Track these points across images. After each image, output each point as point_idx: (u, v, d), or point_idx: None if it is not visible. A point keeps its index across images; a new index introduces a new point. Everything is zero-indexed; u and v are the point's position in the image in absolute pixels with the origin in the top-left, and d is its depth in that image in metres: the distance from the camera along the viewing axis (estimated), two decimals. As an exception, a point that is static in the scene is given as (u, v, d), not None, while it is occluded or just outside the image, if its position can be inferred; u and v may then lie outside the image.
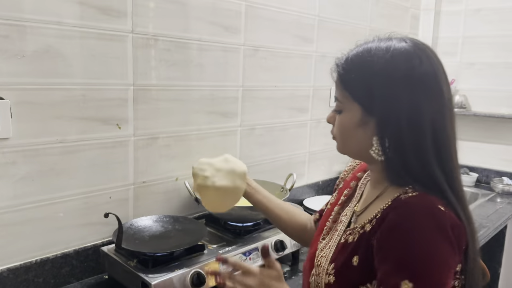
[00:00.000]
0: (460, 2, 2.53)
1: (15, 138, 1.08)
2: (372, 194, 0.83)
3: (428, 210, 0.68)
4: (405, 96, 0.72)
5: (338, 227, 0.87)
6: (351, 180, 0.96)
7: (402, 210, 0.69)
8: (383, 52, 0.75)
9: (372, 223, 0.75)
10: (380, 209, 0.75)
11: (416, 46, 0.75)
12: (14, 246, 1.11)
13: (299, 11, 1.80)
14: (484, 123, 2.49)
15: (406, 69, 0.73)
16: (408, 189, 0.73)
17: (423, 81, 0.73)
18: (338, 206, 0.93)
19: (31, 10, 1.06)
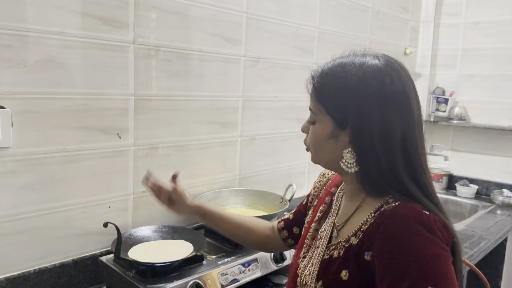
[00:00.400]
0: (459, 15, 2.55)
1: (16, 147, 1.08)
2: (350, 207, 0.84)
3: (417, 216, 0.70)
4: (376, 112, 0.75)
5: (319, 244, 0.87)
6: (325, 196, 0.97)
7: (394, 222, 0.71)
8: (356, 69, 0.77)
9: (358, 236, 0.76)
10: (363, 221, 0.77)
11: (389, 65, 0.78)
12: (13, 255, 1.11)
13: (299, 23, 1.81)
14: (483, 135, 2.49)
15: (377, 87, 0.75)
16: (389, 199, 0.76)
17: (393, 99, 0.76)
18: (315, 223, 0.93)
19: (34, 20, 1.07)
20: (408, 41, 2.55)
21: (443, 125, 2.59)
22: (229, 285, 1.20)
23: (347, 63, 0.79)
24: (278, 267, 1.33)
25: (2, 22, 1.02)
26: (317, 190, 1.04)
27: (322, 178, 1.06)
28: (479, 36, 2.49)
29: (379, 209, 0.76)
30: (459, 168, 2.59)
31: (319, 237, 0.89)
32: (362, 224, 0.77)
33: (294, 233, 1.07)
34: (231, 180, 1.65)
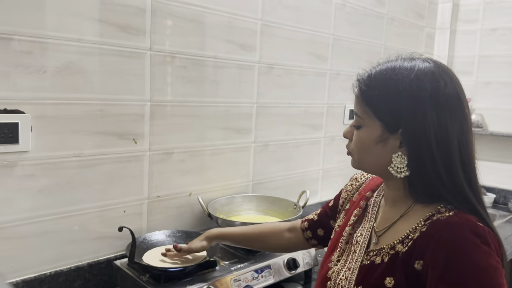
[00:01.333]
0: (476, 21, 2.52)
1: (34, 151, 1.10)
2: (393, 213, 0.83)
3: (472, 227, 0.69)
4: (431, 115, 0.74)
5: (356, 249, 0.85)
6: (359, 200, 0.95)
7: (450, 231, 0.70)
8: (408, 71, 0.76)
9: (407, 244, 0.74)
10: (412, 229, 0.76)
11: (440, 68, 0.77)
12: (29, 258, 1.13)
13: (313, 30, 1.82)
14: (501, 143, 2.45)
15: (431, 89, 0.74)
16: (441, 208, 0.75)
17: (448, 103, 0.74)
18: (349, 227, 0.92)
19: (53, 28, 1.10)
20: (424, 48, 2.53)
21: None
22: (242, 291, 1.20)
23: (396, 66, 0.78)
24: (291, 274, 1.32)
25: (23, 29, 1.05)
26: (349, 194, 1.02)
27: (354, 182, 1.04)
28: (496, 43, 2.45)
29: (430, 217, 0.74)
30: (476, 176, 2.54)
31: (354, 241, 0.87)
32: (411, 231, 0.76)
33: (318, 234, 1.07)
34: (244, 186, 1.65)
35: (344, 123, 2.05)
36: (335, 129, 2.01)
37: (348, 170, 0.90)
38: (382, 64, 0.81)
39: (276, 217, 1.52)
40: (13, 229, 1.09)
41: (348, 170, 0.91)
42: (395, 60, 0.80)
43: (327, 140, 1.99)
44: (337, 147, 2.04)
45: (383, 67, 0.79)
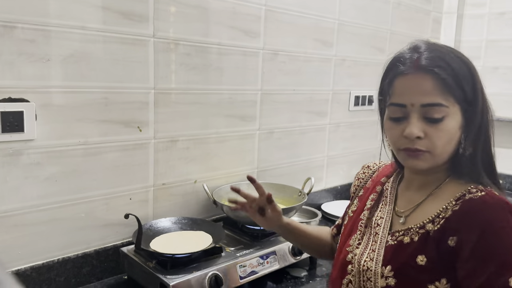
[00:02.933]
0: (484, 5, 2.48)
1: (40, 139, 1.11)
2: (419, 196, 0.84)
3: (506, 207, 0.71)
4: (483, 91, 0.79)
5: (377, 231, 0.86)
6: (375, 186, 0.96)
7: (485, 209, 0.71)
8: (456, 51, 0.79)
9: (438, 223, 0.76)
10: (442, 209, 0.77)
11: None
12: (37, 245, 1.14)
13: (319, 15, 1.79)
14: (508, 129, 2.43)
15: (473, 65, 0.78)
16: (471, 189, 0.76)
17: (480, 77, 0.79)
18: (366, 211, 0.92)
19: (56, 16, 1.09)
20: (430, 33, 2.50)
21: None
22: (247, 277, 1.21)
23: (444, 47, 0.79)
24: (296, 260, 1.33)
25: (26, 17, 1.05)
26: (362, 181, 1.02)
27: (366, 170, 1.04)
28: (504, 27, 2.41)
29: (462, 197, 0.76)
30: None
31: (375, 224, 0.88)
32: (442, 211, 0.77)
33: None
34: (249, 173, 1.65)
35: (350, 109, 2.04)
36: (340, 115, 2.00)
37: (353, 157, 0.89)
38: (431, 49, 0.78)
39: (281, 204, 1.52)
40: (21, 216, 1.10)
41: (353, 157, 0.90)
42: (429, 43, 0.80)
43: (332, 127, 1.98)
44: (342, 134, 2.03)
45: (438, 52, 0.77)
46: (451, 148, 0.78)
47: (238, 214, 1.36)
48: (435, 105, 0.75)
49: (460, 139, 0.78)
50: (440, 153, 0.78)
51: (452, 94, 0.75)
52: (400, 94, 0.78)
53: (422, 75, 0.75)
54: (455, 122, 0.76)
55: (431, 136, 0.76)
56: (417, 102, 0.76)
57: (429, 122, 0.76)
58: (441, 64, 0.75)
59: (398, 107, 0.78)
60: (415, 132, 0.76)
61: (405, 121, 0.78)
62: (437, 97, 0.75)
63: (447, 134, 0.76)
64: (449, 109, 0.75)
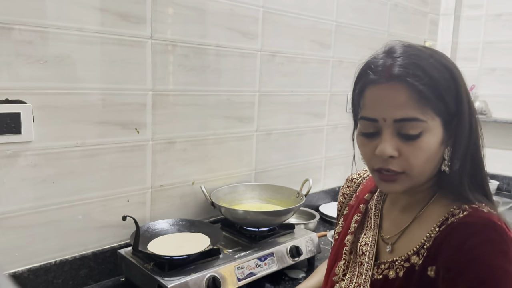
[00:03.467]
0: (481, 7, 2.49)
1: (37, 141, 1.10)
2: (404, 218, 0.75)
3: (489, 224, 0.63)
4: (468, 98, 0.68)
5: (363, 260, 0.78)
6: (357, 204, 0.87)
7: (464, 231, 0.64)
8: (438, 55, 0.68)
9: (422, 254, 0.68)
10: (426, 237, 0.69)
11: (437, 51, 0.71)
12: (34, 247, 1.14)
13: (316, 17, 1.80)
14: (505, 130, 2.44)
15: (457, 69, 0.68)
16: (454, 210, 0.68)
17: (464, 80, 0.69)
18: (350, 235, 0.84)
19: (54, 17, 1.09)
20: (428, 34, 2.50)
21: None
22: (245, 278, 1.21)
23: (422, 50, 0.68)
24: (294, 261, 1.33)
25: (24, 19, 1.04)
26: (346, 197, 0.94)
27: (350, 183, 0.95)
28: (501, 29, 2.42)
29: (444, 222, 0.68)
30: (479, 164, 2.54)
31: (359, 251, 0.80)
32: (426, 239, 0.69)
33: None
34: (247, 175, 1.65)
35: (347, 111, 2.04)
36: (338, 117, 2.00)
37: (351, 158, 0.85)
38: (407, 54, 0.67)
39: (279, 205, 1.52)
40: (18, 218, 1.10)
41: (350, 159, 0.86)
42: (406, 46, 0.69)
43: (329, 129, 1.99)
44: (340, 135, 2.03)
45: (415, 57, 0.66)
46: (431, 166, 0.69)
47: (236, 215, 1.36)
48: (410, 120, 0.65)
49: (443, 155, 0.69)
50: (418, 174, 0.68)
51: (430, 106, 0.65)
52: (371, 107, 0.69)
53: (395, 86, 0.65)
54: (435, 137, 0.66)
55: (407, 155, 0.66)
56: (389, 117, 0.66)
57: (404, 139, 0.66)
58: (418, 72, 0.64)
59: (370, 121, 0.69)
60: (387, 152, 0.66)
61: (378, 137, 0.68)
62: (412, 111, 0.65)
63: (426, 152, 0.66)
64: (428, 124, 0.65)
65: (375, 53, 0.72)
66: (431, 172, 0.70)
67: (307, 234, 1.42)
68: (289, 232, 1.43)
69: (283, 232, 1.42)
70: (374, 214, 0.82)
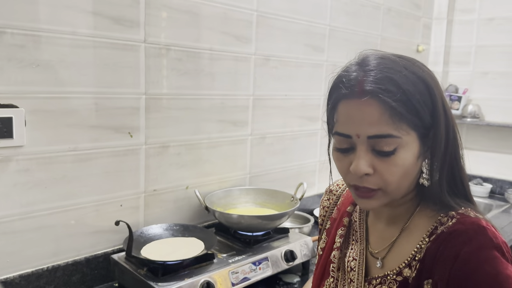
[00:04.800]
0: (473, 11, 2.51)
1: (29, 146, 1.09)
2: (391, 231, 0.74)
3: (479, 230, 0.63)
4: (444, 107, 0.67)
5: (352, 277, 0.76)
6: (341, 217, 0.85)
7: (457, 240, 0.63)
8: (413, 66, 0.67)
9: (415, 267, 0.67)
10: (417, 249, 0.68)
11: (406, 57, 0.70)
12: (26, 253, 1.13)
13: (310, 21, 1.80)
14: (497, 133, 2.46)
15: (437, 81, 0.67)
16: (442, 218, 0.68)
17: (441, 88, 0.68)
18: (336, 250, 0.81)
19: (46, 21, 1.08)
20: (421, 38, 2.52)
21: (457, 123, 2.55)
22: (240, 283, 1.20)
23: (396, 61, 0.66)
24: (289, 265, 1.33)
25: (16, 23, 1.04)
26: (327, 210, 0.91)
27: (330, 195, 0.92)
28: (493, 33, 2.45)
29: (434, 231, 0.67)
30: (473, 167, 2.55)
31: (348, 268, 0.78)
32: (417, 251, 0.68)
33: None
34: (241, 179, 1.65)
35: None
36: (332, 120, 2.00)
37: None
38: (380, 67, 0.65)
39: (273, 209, 1.52)
40: (10, 224, 1.09)
41: None
42: (379, 57, 0.67)
43: (323, 132, 1.98)
44: (334, 139, 2.03)
45: (388, 70, 0.64)
46: (408, 181, 0.67)
47: (230, 219, 1.36)
48: (384, 136, 0.63)
49: (420, 168, 0.68)
50: (395, 189, 0.67)
51: (405, 122, 0.63)
52: (344, 123, 0.67)
53: (367, 102, 0.63)
54: (411, 152, 0.65)
55: (382, 172, 0.65)
56: (363, 133, 0.64)
57: (379, 155, 0.64)
58: (390, 87, 0.62)
59: (344, 137, 0.67)
60: (362, 170, 0.65)
61: (353, 152, 0.67)
62: (386, 127, 0.63)
63: (401, 168, 0.64)
64: (402, 140, 0.64)
65: (348, 64, 0.70)
66: (408, 187, 0.69)
67: (302, 238, 1.42)
68: (283, 236, 1.43)
69: (278, 236, 1.41)
70: (359, 227, 0.80)
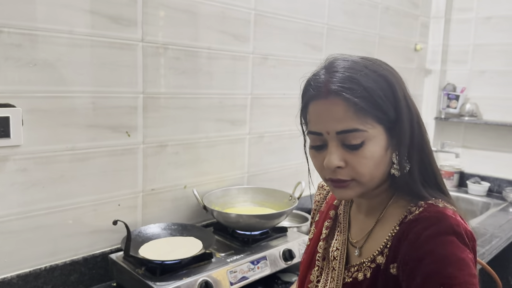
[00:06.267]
0: (471, 10, 2.51)
1: (26, 145, 1.09)
2: (369, 221, 0.79)
3: (443, 217, 0.66)
4: (408, 100, 0.73)
5: (334, 265, 0.80)
6: (327, 210, 0.90)
7: (419, 226, 0.66)
8: (374, 64, 0.73)
9: (385, 254, 0.71)
10: (389, 237, 0.72)
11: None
12: (24, 253, 1.12)
13: (308, 19, 1.80)
14: (495, 132, 2.46)
15: (399, 77, 0.73)
16: (411, 207, 0.72)
17: (404, 83, 0.74)
18: (322, 241, 0.87)
19: (43, 20, 1.08)
20: (418, 37, 2.52)
21: (454, 122, 2.56)
22: (238, 282, 1.20)
23: (358, 62, 0.72)
24: (287, 265, 1.33)
25: (13, 22, 1.03)
26: (318, 204, 0.97)
27: (321, 190, 0.97)
28: (490, 32, 2.45)
29: (403, 220, 0.71)
30: (471, 165, 2.56)
31: (331, 257, 0.82)
32: (388, 239, 0.72)
33: None
34: (239, 178, 1.64)
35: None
36: (330, 119, 2.00)
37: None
38: (344, 69, 0.71)
39: (272, 208, 1.52)
40: (7, 223, 1.08)
41: None
42: (343, 60, 0.74)
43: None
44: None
45: (352, 70, 0.71)
46: (380, 171, 0.72)
47: (228, 219, 1.36)
48: (350, 131, 0.69)
49: (391, 159, 0.72)
50: (368, 180, 0.71)
51: (369, 116, 0.69)
52: (315, 122, 0.74)
53: (332, 100, 0.70)
54: (379, 145, 0.70)
55: (353, 164, 0.70)
56: (332, 130, 0.70)
57: (348, 149, 0.70)
58: (352, 86, 0.68)
59: (316, 135, 0.74)
60: (334, 163, 0.70)
61: (326, 148, 0.72)
62: (351, 122, 0.68)
63: (371, 159, 0.70)
64: (369, 133, 0.69)
65: (317, 69, 0.77)
66: (381, 177, 0.73)
67: (300, 237, 1.42)
68: (282, 235, 1.43)
69: (276, 236, 1.41)
70: (343, 219, 0.85)
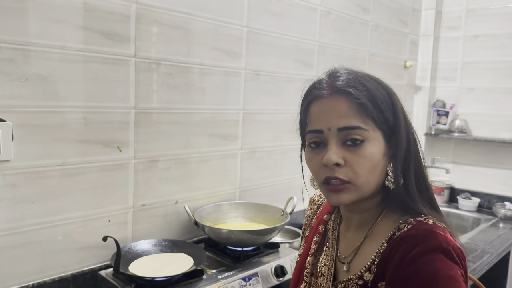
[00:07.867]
0: (459, 28, 2.57)
1: (16, 160, 1.08)
2: (357, 237, 0.78)
3: (430, 235, 0.65)
4: (405, 115, 0.75)
5: (322, 282, 0.79)
6: (317, 225, 0.89)
7: (407, 244, 0.66)
8: (373, 77, 0.75)
9: (373, 271, 0.71)
10: (376, 253, 0.72)
11: None
12: (12, 269, 1.10)
13: (299, 37, 1.82)
14: (484, 148, 2.49)
15: (394, 92, 0.75)
16: (401, 224, 0.71)
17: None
18: (311, 257, 0.86)
19: (36, 35, 1.08)
20: (408, 54, 2.56)
21: (444, 138, 2.59)
22: (229, 299, 1.19)
23: (361, 73, 0.75)
24: (279, 281, 1.32)
25: (5, 37, 1.03)
26: (309, 220, 0.96)
27: (312, 205, 0.97)
28: (478, 49, 2.50)
29: (391, 237, 0.70)
30: (461, 181, 2.58)
31: (319, 273, 0.81)
32: (376, 256, 0.71)
33: None
34: (231, 193, 1.64)
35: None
36: (321, 135, 2.01)
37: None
38: (347, 73, 0.74)
39: (263, 224, 1.51)
40: (-6, 240, 1.07)
41: None
42: (345, 69, 0.77)
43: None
44: (324, 153, 2.04)
45: (355, 75, 0.74)
46: (375, 178, 0.71)
47: (220, 234, 1.35)
48: (352, 128, 0.69)
49: (386, 170, 0.72)
50: (364, 183, 0.70)
51: (370, 117, 0.70)
52: (316, 120, 0.74)
53: (336, 98, 0.71)
54: (377, 148, 0.70)
55: (352, 163, 0.69)
56: (333, 126, 0.70)
57: (349, 147, 0.70)
58: (357, 85, 0.70)
59: (316, 133, 0.73)
60: (333, 159, 0.69)
61: (324, 148, 0.72)
62: (354, 120, 0.69)
63: (369, 160, 0.69)
64: (369, 133, 0.70)
65: (319, 76, 0.79)
66: (376, 185, 0.72)
67: (292, 253, 1.41)
68: (273, 251, 1.42)
69: (268, 252, 1.41)
70: (332, 234, 0.84)
